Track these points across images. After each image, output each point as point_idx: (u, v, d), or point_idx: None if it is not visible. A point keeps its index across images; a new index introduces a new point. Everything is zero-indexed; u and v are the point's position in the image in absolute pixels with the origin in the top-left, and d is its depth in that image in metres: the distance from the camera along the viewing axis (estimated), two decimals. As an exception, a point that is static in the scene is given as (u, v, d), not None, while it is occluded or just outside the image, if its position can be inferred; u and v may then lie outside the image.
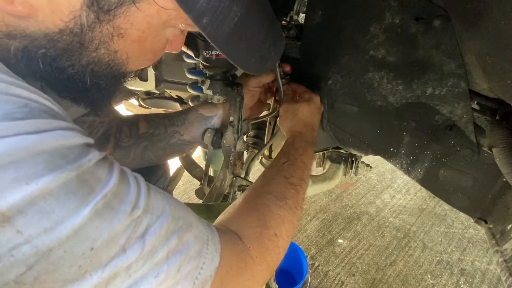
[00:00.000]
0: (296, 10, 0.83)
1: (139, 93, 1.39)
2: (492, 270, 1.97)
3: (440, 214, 2.40)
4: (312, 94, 0.88)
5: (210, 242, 0.46)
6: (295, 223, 0.63)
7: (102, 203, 0.34)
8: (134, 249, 0.37)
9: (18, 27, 0.39)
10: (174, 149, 0.89)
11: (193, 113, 0.89)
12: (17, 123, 0.31)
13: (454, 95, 0.75)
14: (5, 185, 0.29)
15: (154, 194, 0.42)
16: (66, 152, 0.34)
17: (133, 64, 0.48)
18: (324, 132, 1.01)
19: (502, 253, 0.74)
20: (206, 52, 0.78)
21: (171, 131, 0.87)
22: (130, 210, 0.37)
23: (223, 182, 0.94)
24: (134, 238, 0.37)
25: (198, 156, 2.06)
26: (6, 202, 0.29)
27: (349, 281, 1.86)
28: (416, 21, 0.72)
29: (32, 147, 0.31)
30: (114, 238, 0.35)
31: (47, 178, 0.31)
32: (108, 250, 0.35)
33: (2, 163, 0.29)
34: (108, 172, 0.37)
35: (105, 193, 0.35)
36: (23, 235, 0.30)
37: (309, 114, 0.85)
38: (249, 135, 1.24)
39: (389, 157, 0.93)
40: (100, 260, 0.34)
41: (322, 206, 2.42)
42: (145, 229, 0.38)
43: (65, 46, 0.41)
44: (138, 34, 0.44)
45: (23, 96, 0.34)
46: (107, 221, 0.35)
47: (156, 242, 0.39)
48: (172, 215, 0.42)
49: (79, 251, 0.32)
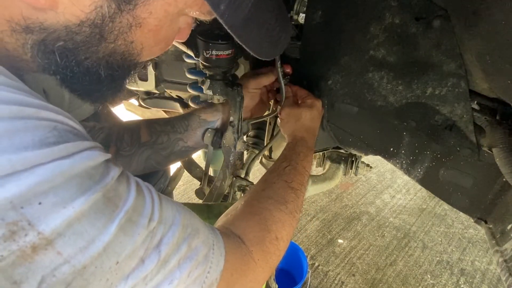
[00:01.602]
0: (296, 10, 0.83)
1: (139, 93, 1.39)
2: (492, 270, 1.97)
3: (440, 214, 2.40)
4: (314, 99, 0.88)
5: (215, 247, 0.47)
6: (294, 226, 0.65)
7: (125, 219, 0.36)
8: (151, 260, 0.39)
9: (36, 20, 0.39)
10: (178, 156, 0.89)
11: (196, 119, 0.88)
12: (52, 149, 0.33)
13: (454, 95, 0.75)
14: (47, 210, 0.31)
15: (165, 204, 0.43)
16: (92, 172, 0.35)
17: (146, 54, 0.49)
18: (324, 132, 1.01)
19: (502, 253, 0.74)
20: (206, 52, 0.78)
21: (174, 139, 0.86)
22: (147, 223, 0.39)
23: (223, 182, 0.94)
24: (150, 249, 0.39)
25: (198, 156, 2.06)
26: (49, 227, 0.31)
27: (349, 281, 1.86)
28: (416, 21, 0.72)
29: (67, 171, 0.33)
30: (135, 251, 0.37)
31: (80, 200, 0.33)
32: (130, 262, 0.37)
33: (44, 190, 0.31)
34: (127, 187, 0.39)
35: (127, 209, 0.37)
36: (63, 256, 0.32)
37: (311, 119, 0.85)
38: (249, 135, 1.23)
39: (389, 157, 0.93)
40: (123, 273, 0.36)
41: (322, 206, 2.42)
42: (160, 239, 0.40)
43: (84, 38, 0.41)
44: (155, 23, 0.44)
45: (51, 119, 0.35)
46: (129, 236, 0.36)
47: (169, 251, 0.41)
48: (182, 223, 0.44)
49: (107, 266, 0.35)
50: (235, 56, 0.81)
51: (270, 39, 0.54)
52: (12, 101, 0.33)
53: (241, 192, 0.99)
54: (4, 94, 0.33)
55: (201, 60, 0.82)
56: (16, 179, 0.30)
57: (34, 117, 0.33)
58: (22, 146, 0.31)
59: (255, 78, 0.89)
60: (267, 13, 0.51)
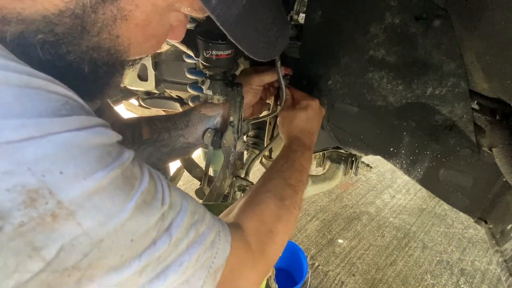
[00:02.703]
0: (296, 10, 0.83)
1: (139, 93, 1.39)
2: (492, 270, 1.97)
3: (440, 214, 2.40)
4: (310, 100, 0.88)
5: (221, 234, 0.48)
6: (292, 221, 0.66)
7: (141, 199, 0.37)
8: (163, 241, 0.39)
9: (13, 10, 0.37)
10: (179, 152, 0.89)
11: (196, 114, 0.88)
12: (66, 120, 0.32)
13: (454, 95, 0.75)
14: (69, 180, 0.31)
15: (174, 190, 0.44)
16: (109, 149, 0.35)
17: (134, 51, 0.47)
18: (324, 132, 1.01)
19: (502, 253, 0.74)
20: (206, 52, 0.78)
21: (175, 136, 0.86)
22: (161, 206, 0.40)
23: (223, 182, 0.94)
24: (162, 231, 0.39)
25: (198, 156, 2.06)
26: (69, 197, 0.31)
27: (349, 281, 1.86)
28: (416, 21, 0.72)
29: (83, 143, 0.33)
30: (148, 231, 0.38)
31: (101, 174, 0.33)
32: (143, 242, 0.37)
33: (64, 159, 0.31)
34: (140, 170, 0.39)
35: (143, 190, 0.38)
36: (82, 227, 0.32)
37: (306, 120, 0.85)
38: (249, 135, 1.24)
39: (389, 157, 0.93)
40: (136, 251, 0.37)
41: (322, 206, 2.42)
42: (170, 223, 0.41)
43: (65, 30, 0.39)
44: (142, 17, 0.43)
45: (61, 93, 0.34)
46: (146, 216, 0.37)
47: (179, 235, 0.42)
48: (190, 210, 0.45)
49: (123, 242, 0.35)
50: (235, 56, 0.81)
51: (267, 39, 0.52)
52: (22, 71, 0.32)
53: (241, 192, 0.99)
54: (12, 64, 0.32)
55: (201, 60, 0.81)
56: (32, 145, 0.29)
57: (44, 89, 0.33)
58: (36, 113, 0.30)
59: (259, 75, 0.89)
60: (264, 12, 0.49)
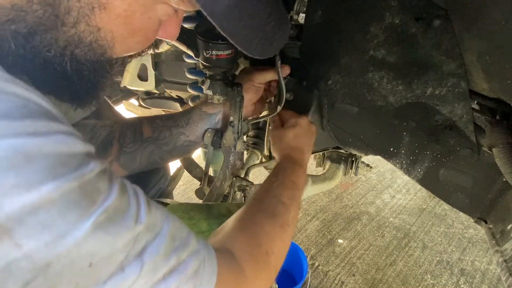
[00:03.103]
0: (296, 10, 0.83)
1: (139, 93, 1.39)
2: (492, 270, 1.97)
3: (440, 214, 2.40)
4: (297, 117, 0.89)
5: (206, 263, 0.44)
6: (286, 241, 0.63)
7: (104, 216, 0.32)
8: (133, 268, 0.35)
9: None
10: (180, 151, 0.89)
11: (197, 112, 0.88)
12: (15, 124, 0.29)
13: (454, 95, 0.75)
14: (6, 191, 0.27)
15: (154, 210, 0.40)
16: (67, 160, 0.31)
17: (120, 47, 0.43)
18: (324, 132, 1.01)
19: (502, 253, 0.74)
20: (206, 52, 0.78)
21: (176, 133, 0.86)
22: (133, 225, 0.35)
23: (223, 182, 0.94)
24: (132, 256, 0.35)
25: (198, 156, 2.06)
26: (4, 212, 0.27)
27: (349, 281, 1.86)
28: (416, 21, 0.72)
29: (32, 151, 0.29)
30: (113, 255, 0.33)
31: (50, 186, 0.29)
32: (106, 267, 0.33)
33: (3, 167, 0.27)
34: (108, 184, 0.35)
35: (107, 206, 0.33)
36: (22, 249, 0.28)
37: (294, 137, 0.85)
38: (249, 135, 1.24)
39: (389, 157, 0.93)
40: (98, 278, 0.32)
41: (322, 206, 2.42)
42: (144, 247, 0.36)
43: (36, 19, 0.36)
44: (123, 7, 0.39)
45: (20, 95, 0.31)
46: (111, 236, 0.33)
47: (155, 261, 0.37)
48: (171, 233, 0.40)
49: (78, 267, 0.31)
50: (235, 56, 0.81)
51: (263, 34, 0.48)
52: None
53: (241, 192, 0.99)
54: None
55: (201, 60, 0.81)
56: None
57: (1, 89, 0.29)
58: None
59: (260, 72, 0.89)
60: (259, 4, 0.45)
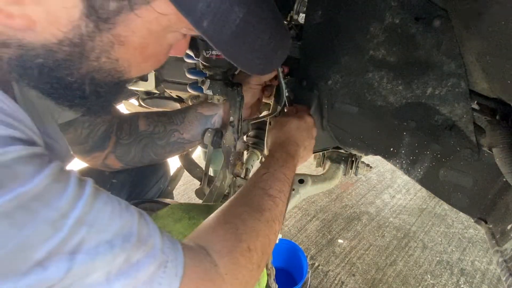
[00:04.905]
0: (296, 10, 0.83)
1: (139, 93, 1.39)
2: (492, 270, 1.97)
3: (440, 214, 2.40)
4: (307, 114, 0.88)
5: (169, 264, 0.41)
6: (272, 238, 0.59)
7: (14, 203, 0.30)
8: (58, 266, 0.32)
9: (13, 36, 0.38)
10: (174, 147, 0.90)
11: (193, 112, 0.89)
12: None
13: (454, 95, 0.75)
14: None
15: (102, 204, 0.38)
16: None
17: (135, 71, 0.48)
18: (324, 132, 1.01)
19: (502, 253, 0.74)
20: (206, 52, 0.78)
21: (170, 130, 0.87)
22: (57, 218, 0.32)
23: (223, 182, 0.94)
24: (59, 254, 0.32)
25: (198, 156, 2.06)
26: None
27: (349, 281, 1.86)
28: (416, 21, 0.72)
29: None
30: (25, 250, 0.30)
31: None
32: (17, 263, 0.30)
33: None
34: (35, 170, 0.33)
35: (21, 192, 0.31)
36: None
37: (296, 129, 0.83)
38: (249, 135, 1.23)
39: (389, 157, 0.93)
40: (5, 275, 0.30)
41: (322, 206, 2.42)
42: (78, 245, 0.34)
43: (64, 56, 0.40)
44: (139, 41, 0.44)
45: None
46: (17, 227, 0.30)
47: (91, 262, 0.34)
48: (120, 231, 0.38)
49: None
50: (235, 56, 0.81)
51: (264, 54, 0.51)
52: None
53: (241, 192, 0.99)
54: None
55: (201, 60, 0.82)
56: None
57: None
58: None
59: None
60: (259, 28, 0.48)
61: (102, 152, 0.83)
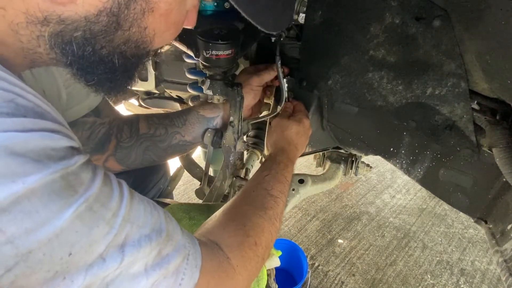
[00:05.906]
0: (296, 10, 0.83)
1: (139, 93, 1.39)
2: (492, 270, 1.97)
3: (440, 214, 2.40)
4: (304, 116, 0.90)
5: (190, 257, 0.45)
6: (273, 234, 0.64)
7: (84, 206, 0.34)
8: (114, 259, 0.36)
9: (54, 12, 0.39)
10: (175, 149, 0.89)
11: (194, 114, 0.88)
12: (4, 120, 0.31)
13: (454, 95, 0.75)
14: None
15: (137, 203, 0.42)
16: (51, 153, 0.33)
17: (158, 41, 0.49)
18: (324, 132, 1.01)
19: (502, 253, 0.74)
20: (206, 52, 0.78)
21: (172, 132, 0.87)
22: (110, 217, 0.36)
23: (223, 182, 0.94)
24: (113, 247, 0.36)
25: (198, 156, 2.06)
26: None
27: (349, 281, 1.86)
28: (416, 21, 0.72)
29: (19, 145, 0.31)
30: (92, 245, 0.34)
31: (34, 177, 0.31)
32: (86, 256, 0.34)
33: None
34: (91, 175, 0.37)
35: (88, 196, 0.35)
36: (5, 234, 0.29)
37: (296, 133, 0.86)
38: (249, 135, 1.23)
39: (389, 157, 0.93)
40: (77, 267, 0.33)
41: (322, 206, 2.42)
42: (125, 239, 0.38)
43: (101, 27, 0.42)
44: (165, 7, 0.45)
45: (8, 89, 0.33)
46: (88, 226, 0.34)
47: (136, 253, 0.38)
48: (154, 227, 0.42)
49: (58, 256, 0.32)
50: (235, 56, 0.81)
51: (275, 10, 0.55)
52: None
53: (241, 192, 0.99)
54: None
55: (201, 60, 0.81)
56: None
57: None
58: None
59: (258, 75, 0.89)
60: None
61: (102, 154, 0.83)
